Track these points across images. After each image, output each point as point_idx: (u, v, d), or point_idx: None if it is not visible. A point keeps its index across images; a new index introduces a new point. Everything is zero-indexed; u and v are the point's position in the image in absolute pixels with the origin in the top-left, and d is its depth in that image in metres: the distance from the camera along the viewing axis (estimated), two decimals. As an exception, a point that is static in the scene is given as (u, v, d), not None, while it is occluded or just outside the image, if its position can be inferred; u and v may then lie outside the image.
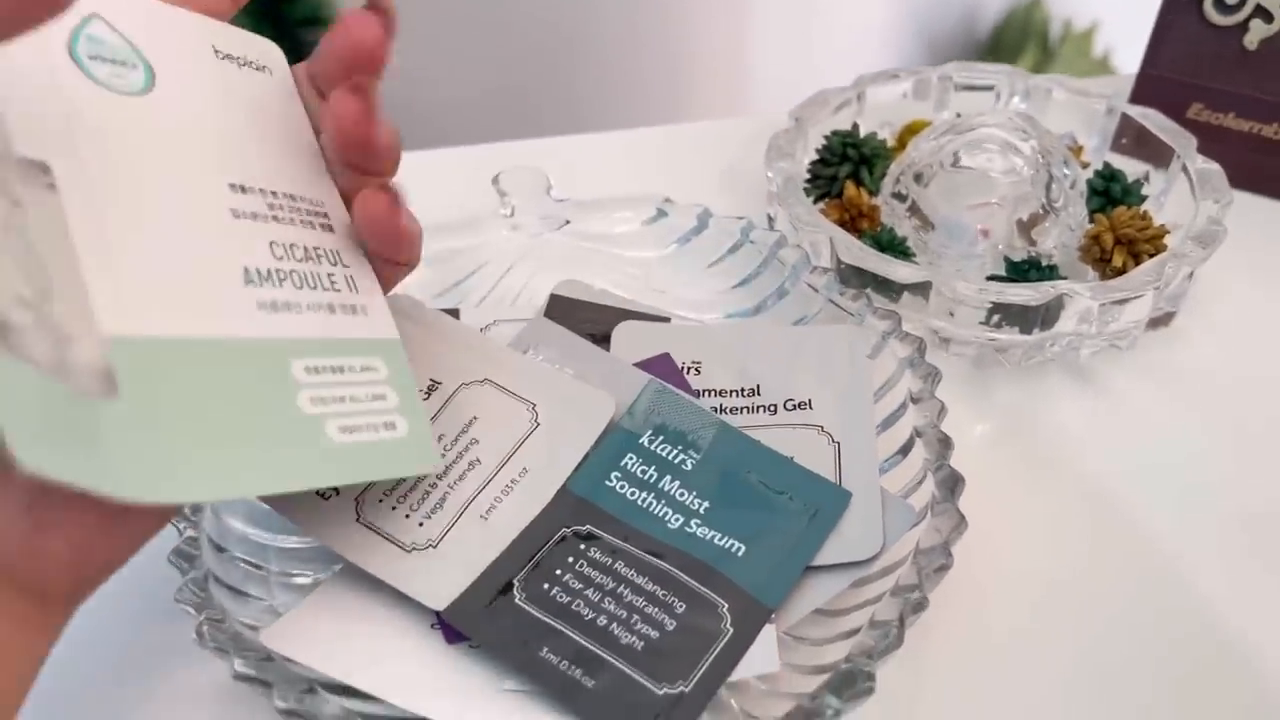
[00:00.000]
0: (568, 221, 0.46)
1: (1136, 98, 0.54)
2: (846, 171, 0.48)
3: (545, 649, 0.30)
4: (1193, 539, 0.38)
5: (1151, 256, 0.44)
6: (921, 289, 0.43)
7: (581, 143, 0.58)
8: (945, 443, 0.36)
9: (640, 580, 0.32)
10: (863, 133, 0.50)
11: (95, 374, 0.22)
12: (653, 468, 0.35)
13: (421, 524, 0.33)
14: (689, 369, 0.40)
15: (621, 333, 0.41)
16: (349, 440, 0.28)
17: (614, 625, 0.31)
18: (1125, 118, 0.51)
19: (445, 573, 0.32)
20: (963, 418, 0.42)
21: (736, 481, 0.35)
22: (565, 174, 0.48)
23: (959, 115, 0.51)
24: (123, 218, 0.25)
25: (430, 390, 0.35)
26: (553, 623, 0.31)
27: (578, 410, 0.36)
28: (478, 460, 0.34)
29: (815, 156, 0.49)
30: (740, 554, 0.33)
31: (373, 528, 0.32)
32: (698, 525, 0.34)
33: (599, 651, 0.30)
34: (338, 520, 0.32)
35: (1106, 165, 0.49)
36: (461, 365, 0.36)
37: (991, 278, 0.44)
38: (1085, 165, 0.50)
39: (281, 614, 0.32)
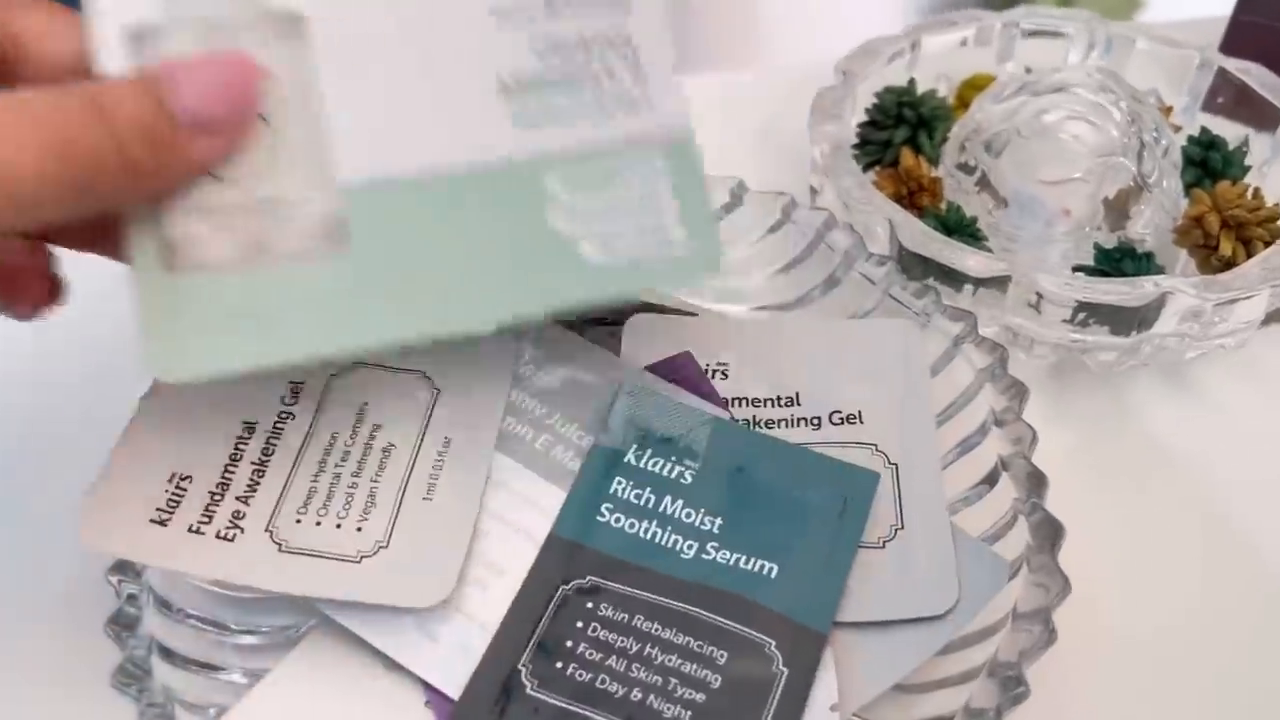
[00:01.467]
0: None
1: (1228, 48, 0.47)
2: (902, 136, 0.41)
3: None
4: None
5: (1266, 244, 0.37)
6: (997, 282, 0.36)
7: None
8: (1038, 479, 0.30)
9: (668, 634, 0.27)
10: (919, 90, 0.43)
11: (321, 231, 0.25)
12: (648, 489, 0.30)
13: (360, 528, 0.28)
14: (714, 372, 0.34)
15: (634, 327, 0.34)
16: (608, 259, 0.27)
17: (651, 697, 0.26)
18: (1223, 73, 0.44)
19: (412, 569, 0.28)
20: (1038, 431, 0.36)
21: (747, 486, 0.30)
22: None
23: (1029, 70, 0.44)
24: (371, 52, 0.25)
25: (296, 394, 0.31)
26: (581, 711, 0.26)
27: (472, 363, 0.32)
28: (391, 445, 0.30)
29: (864, 118, 0.42)
30: (773, 575, 0.28)
31: (302, 552, 0.28)
32: (716, 549, 0.29)
33: None
34: (257, 557, 0.27)
35: (1204, 130, 0.42)
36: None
37: (1079, 269, 0.38)
38: (1176, 129, 0.43)
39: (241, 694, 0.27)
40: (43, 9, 0.26)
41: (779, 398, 0.33)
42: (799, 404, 0.33)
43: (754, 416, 0.32)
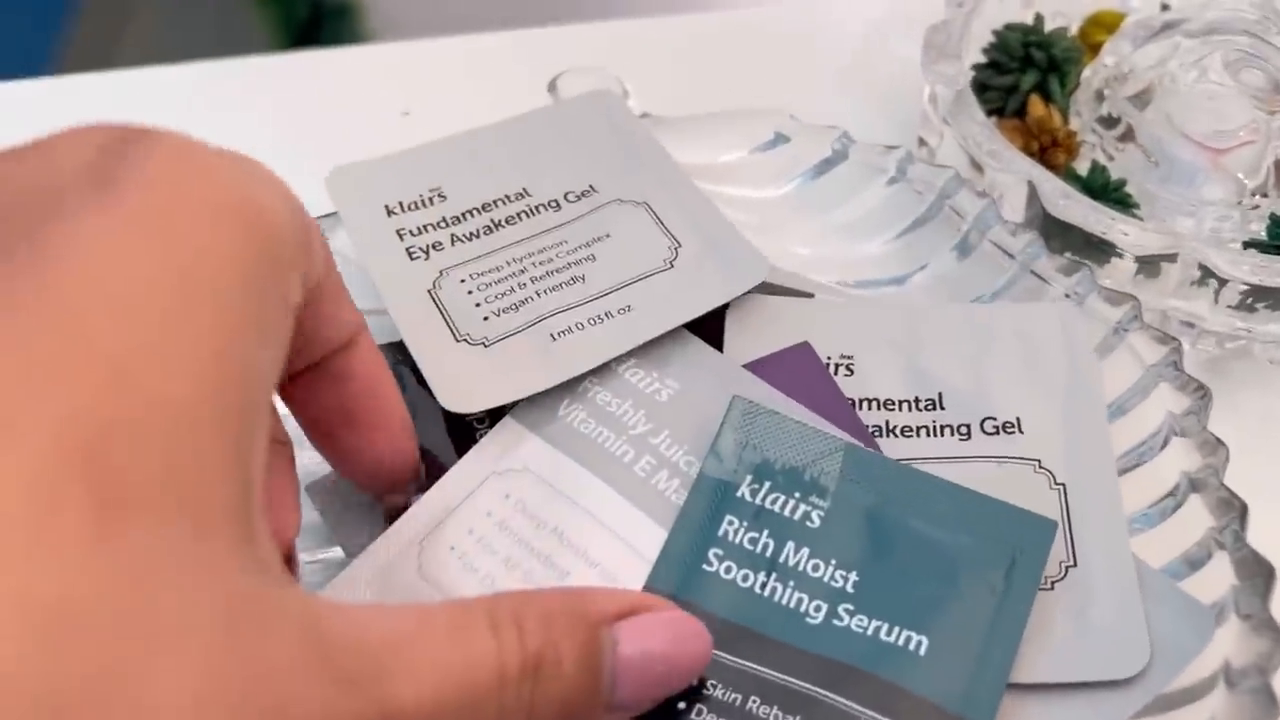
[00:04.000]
0: (649, 148, 0.33)
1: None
2: (1031, 82, 0.35)
3: None
4: None
5: None
6: (1150, 259, 0.31)
7: (645, 31, 0.44)
8: (1236, 507, 0.25)
9: None
10: (1047, 27, 0.37)
11: None
12: (766, 532, 0.24)
13: (487, 317, 0.27)
14: (836, 367, 0.28)
15: (740, 312, 0.28)
16: None
17: None
18: (1394, 15, 0.38)
19: (477, 378, 0.26)
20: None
21: (890, 533, 0.24)
22: (631, 77, 0.35)
23: (1165, 6, 0.38)
24: None
25: (581, 195, 0.30)
26: None
27: (723, 264, 0.28)
28: (582, 278, 0.28)
29: (982, 59, 0.36)
30: (923, 650, 0.22)
31: (439, 302, 0.27)
32: (850, 614, 0.23)
33: None
34: (415, 287, 0.27)
35: (1381, 81, 0.36)
36: (629, 180, 0.30)
37: (1250, 244, 0.32)
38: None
39: None
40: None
41: (917, 400, 0.27)
42: (942, 407, 0.27)
43: (887, 422, 0.27)
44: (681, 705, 0.21)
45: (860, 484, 0.24)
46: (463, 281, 0.28)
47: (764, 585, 0.23)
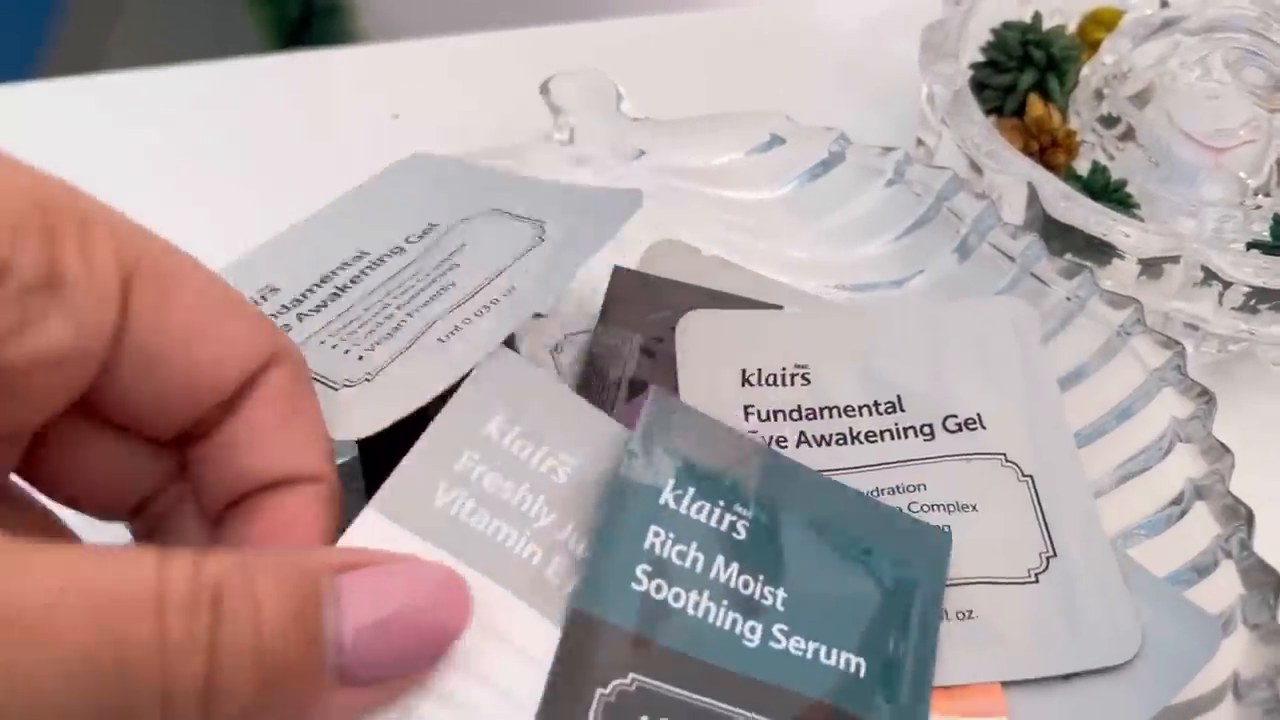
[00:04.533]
0: (642, 152, 0.33)
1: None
2: (1029, 81, 0.35)
3: None
4: None
5: None
6: (1153, 261, 0.30)
7: (639, 30, 0.44)
8: (1242, 514, 0.24)
9: None
10: (1045, 25, 0.36)
11: None
12: (694, 545, 0.21)
13: (361, 357, 0.23)
14: (792, 378, 0.27)
15: (690, 327, 0.28)
16: None
17: None
18: (1394, 11, 0.37)
19: (368, 404, 0.21)
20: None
21: (808, 545, 0.23)
22: (625, 78, 0.35)
23: (1165, 4, 0.38)
24: None
25: (423, 234, 0.27)
26: None
27: (595, 212, 0.26)
28: (451, 284, 0.25)
29: (980, 58, 0.36)
30: (861, 673, 0.21)
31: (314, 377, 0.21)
32: (785, 635, 0.21)
33: None
34: None
35: (1382, 78, 0.36)
36: (467, 202, 0.28)
37: (1254, 245, 0.31)
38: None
39: None
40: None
41: (876, 404, 0.27)
42: (903, 409, 0.27)
43: (850, 429, 0.26)
44: None
45: (779, 491, 0.23)
46: (322, 343, 0.24)
47: (697, 605, 0.21)
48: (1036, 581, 0.24)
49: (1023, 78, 0.35)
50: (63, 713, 0.14)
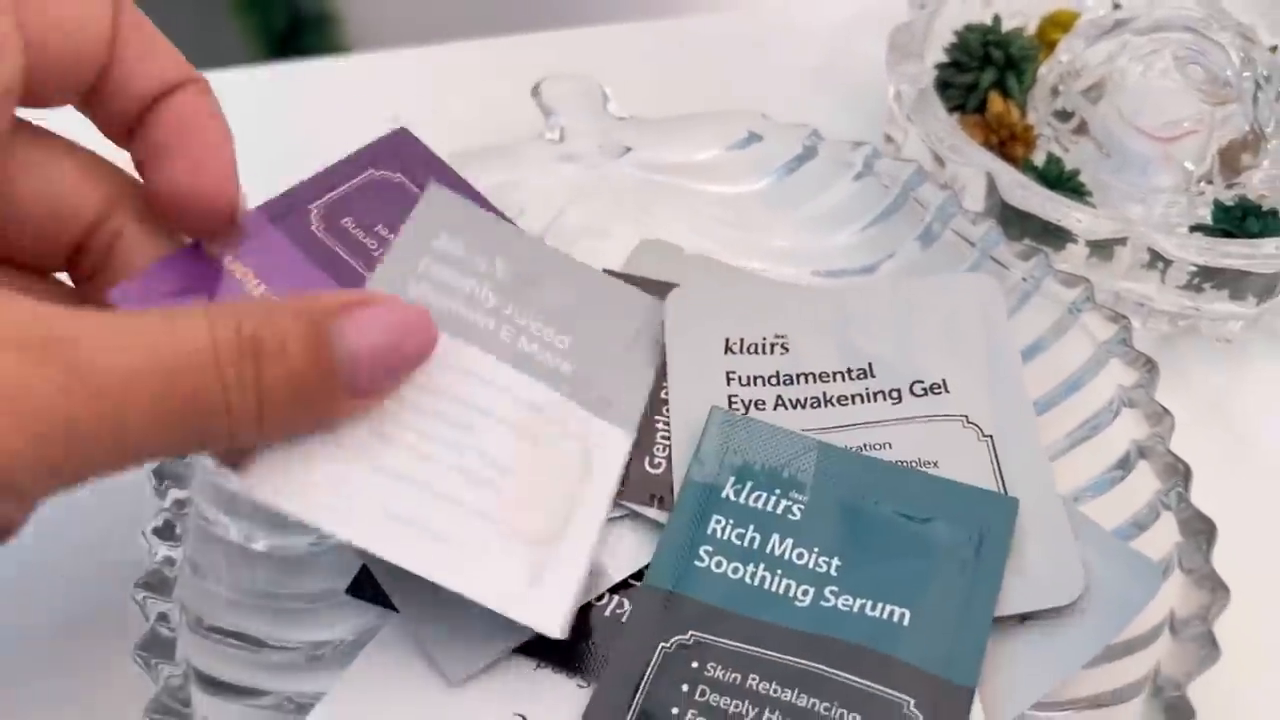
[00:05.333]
0: (628, 149, 0.35)
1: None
2: (990, 79, 0.37)
3: None
4: None
5: (1400, 198, 0.33)
6: (1103, 244, 0.32)
7: (623, 36, 0.46)
8: (1180, 471, 0.27)
9: (789, 696, 0.23)
10: (1005, 27, 0.39)
11: None
12: (751, 527, 0.26)
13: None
14: (772, 346, 0.29)
15: (678, 299, 0.29)
16: None
17: None
18: (1330, 10, 0.40)
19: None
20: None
21: (866, 520, 0.26)
22: (611, 81, 0.37)
23: (1118, 5, 0.40)
24: None
25: None
26: None
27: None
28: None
29: (944, 58, 0.38)
30: (906, 622, 0.24)
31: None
32: (835, 595, 0.25)
33: None
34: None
35: (1317, 73, 0.38)
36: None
37: (1196, 228, 0.34)
38: (1284, 72, 0.39)
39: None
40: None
41: (849, 370, 0.29)
42: (873, 375, 0.29)
43: (824, 393, 0.28)
44: (685, 688, 0.23)
45: (834, 478, 0.26)
46: None
47: (753, 575, 0.25)
48: None
49: (984, 76, 0.37)
50: (153, 453, 0.20)
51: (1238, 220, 0.33)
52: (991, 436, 0.27)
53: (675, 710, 0.23)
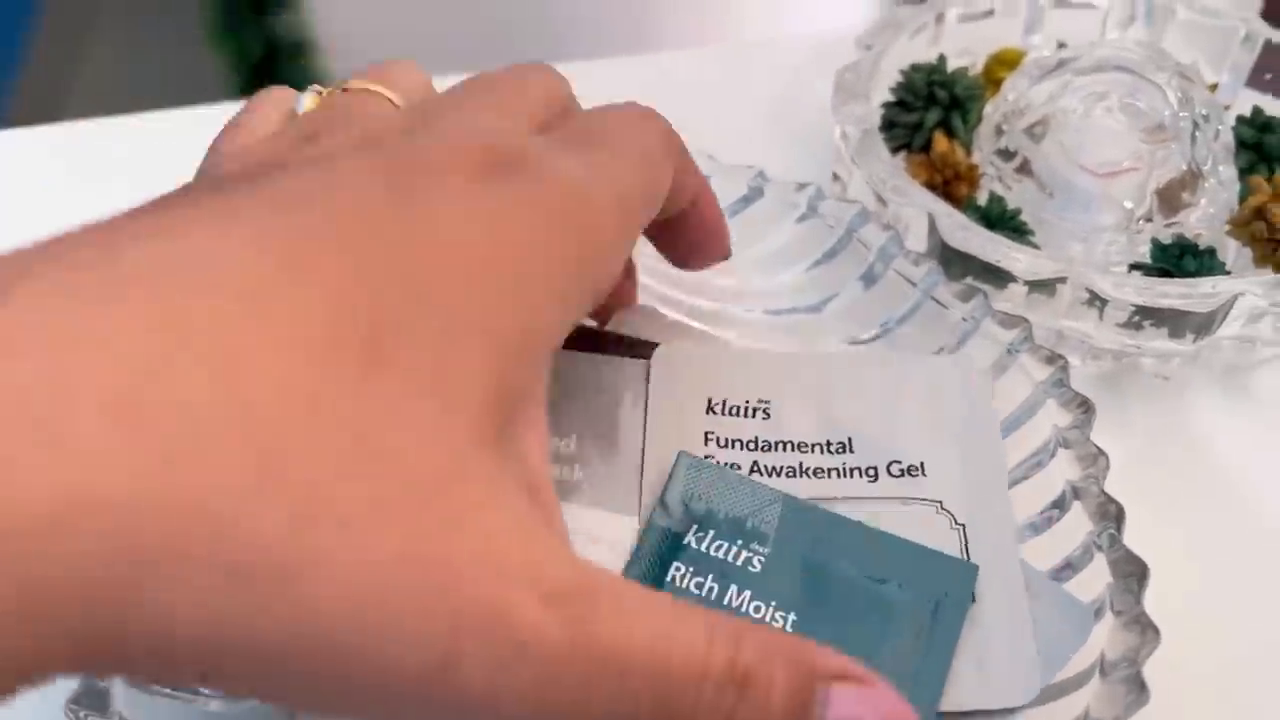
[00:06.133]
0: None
1: (1271, 15, 0.44)
2: (935, 119, 0.38)
3: None
4: None
5: (1335, 236, 0.34)
6: (1045, 283, 0.33)
7: (575, 75, 0.46)
8: (1113, 513, 0.27)
9: None
10: (951, 66, 0.39)
11: None
12: (710, 577, 0.26)
13: None
14: (754, 411, 0.30)
15: (663, 361, 0.30)
16: None
17: None
18: (1271, 47, 0.40)
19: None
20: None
21: (825, 576, 0.26)
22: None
23: (1062, 45, 0.41)
24: None
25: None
26: None
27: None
28: None
29: (890, 98, 0.39)
30: None
31: None
32: None
33: None
34: None
35: (1257, 110, 0.39)
36: None
37: (1135, 267, 0.34)
38: (1225, 108, 0.40)
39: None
40: None
41: (828, 443, 0.29)
42: (852, 451, 0.29)
43: (800, 464, 0.28)
44: None
45: (797, 532, 0.26)
46: None
47: None
48: None
49: (928, 116, 0.38)
50: None
51: (1175, 259, 0.33)
52: (964, 525, 0.27)
53: None
